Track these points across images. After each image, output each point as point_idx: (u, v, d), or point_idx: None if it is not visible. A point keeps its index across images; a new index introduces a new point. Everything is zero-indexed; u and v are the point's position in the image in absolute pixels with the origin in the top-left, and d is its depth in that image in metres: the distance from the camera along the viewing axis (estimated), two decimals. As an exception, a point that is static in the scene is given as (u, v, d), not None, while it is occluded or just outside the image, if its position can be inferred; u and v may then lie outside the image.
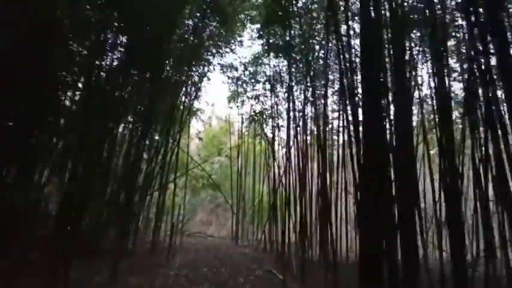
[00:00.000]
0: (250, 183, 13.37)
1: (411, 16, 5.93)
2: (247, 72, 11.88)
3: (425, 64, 6.89)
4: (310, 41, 8.53)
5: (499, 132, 3.38)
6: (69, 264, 4.29)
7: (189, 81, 10.96)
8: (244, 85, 12.34)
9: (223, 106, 34.62)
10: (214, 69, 11.17)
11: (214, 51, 10.84)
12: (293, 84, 9.43)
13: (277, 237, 8.42)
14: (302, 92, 9.02)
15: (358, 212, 4.33)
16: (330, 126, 9.07)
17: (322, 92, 8.05)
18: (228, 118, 16.00)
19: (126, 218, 7.08)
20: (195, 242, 11.16)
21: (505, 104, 3.19)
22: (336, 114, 9.63)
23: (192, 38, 9.57)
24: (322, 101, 7.69)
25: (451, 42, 6.61)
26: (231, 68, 12.47)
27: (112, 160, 7.51)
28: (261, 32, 10.16)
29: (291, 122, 8.69)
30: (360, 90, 4.71)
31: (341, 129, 8.43)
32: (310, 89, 8.84)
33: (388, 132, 4.14)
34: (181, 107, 10.17)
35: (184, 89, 10.58)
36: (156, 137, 9.38)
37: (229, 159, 14.64)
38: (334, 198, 7.46)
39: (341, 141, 8.15)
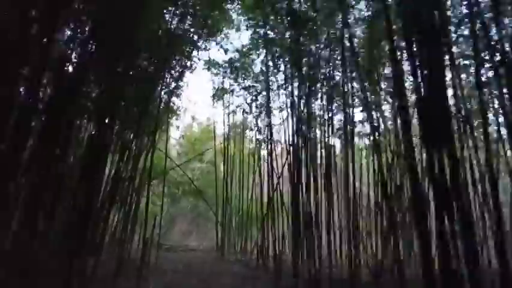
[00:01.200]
0: (237, 189, 12.11)
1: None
2: (234, 66, 10.74)
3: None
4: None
5: None
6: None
7: (168, 75, 9.72)
8: (231, 80, 11.20)
9: (207, 105, 33.34)
10: (199, 59, 10.00)
11: (196, 39, 9.62)
12: (289, 75, 8.39)
13: (274, 250, 7.20)
14: (302, 84, 7.88)
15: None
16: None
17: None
18: (212, 119, 14.78)
19: (86, 230, 5.68)
20: (174, 257, 9.69)
21: None
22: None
23: (172, 26, 8.37)
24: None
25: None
26: (216, 65, 11.39)
27: (72, 161, 6.16)
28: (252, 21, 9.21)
29: (290, 120, 7.59)
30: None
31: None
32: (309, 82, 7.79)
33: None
34: (159, 102, 8.88)
35: (162, 83, 9.33)
36: (129, 136, 8.00)
37: (214, 164, 13.36)
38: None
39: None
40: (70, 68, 6.07)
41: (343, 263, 6.45)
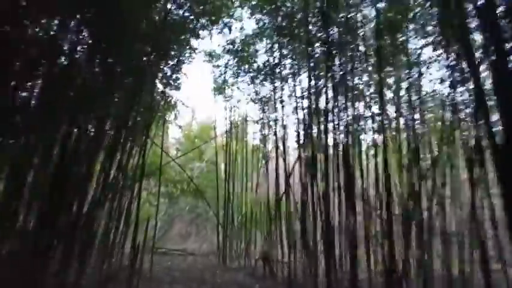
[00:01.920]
0: (239, 189, 11.31)
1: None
2: (237, 55, 9.95)
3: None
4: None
5: None
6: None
7: (165, 66, 8.97)
8: (233, 72, 10.43)
9: (207, 100, 32.37)
10: (199, 46, 9.26)
11: (195, 28, 8.82)
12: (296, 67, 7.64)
13: (283, 257, 6.42)
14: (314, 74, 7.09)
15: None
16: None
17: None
18: (213, 115, 14.00)
19: (72, 234, 4.93)
20: (171, 264, 8.88)
21: None
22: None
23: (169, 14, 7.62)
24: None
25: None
26: (218, 56, 10.62)
27: (58, 157, 5.44)
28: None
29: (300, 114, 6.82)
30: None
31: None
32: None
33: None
34: (154, 94, 8.14)
35: (159, 74, 8.58)
36: (122, 131, 7.22)
37: (215, 162, 12.58)
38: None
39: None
40: (58, 57, 5.36)
41: (363, 271, 5.68)
